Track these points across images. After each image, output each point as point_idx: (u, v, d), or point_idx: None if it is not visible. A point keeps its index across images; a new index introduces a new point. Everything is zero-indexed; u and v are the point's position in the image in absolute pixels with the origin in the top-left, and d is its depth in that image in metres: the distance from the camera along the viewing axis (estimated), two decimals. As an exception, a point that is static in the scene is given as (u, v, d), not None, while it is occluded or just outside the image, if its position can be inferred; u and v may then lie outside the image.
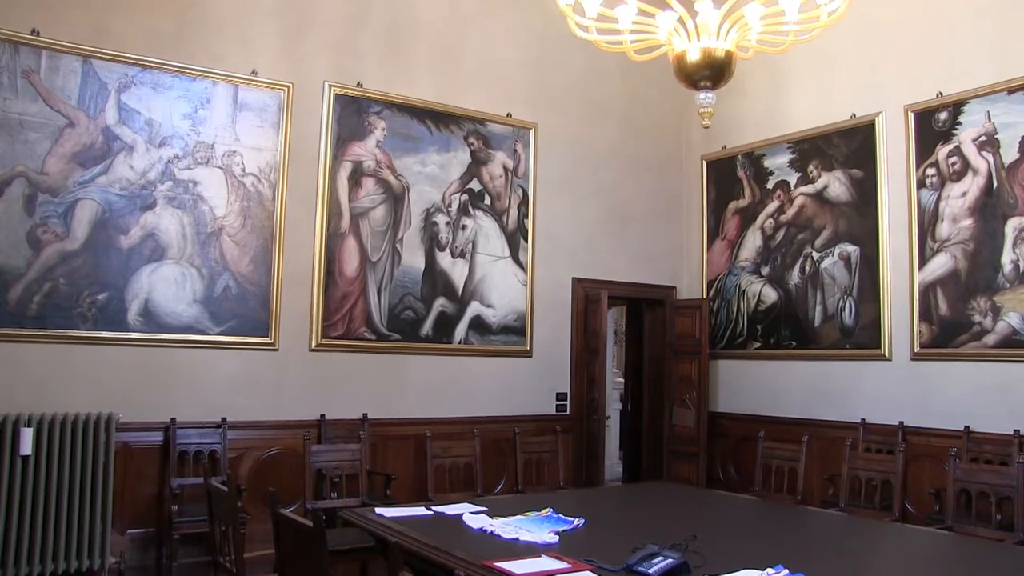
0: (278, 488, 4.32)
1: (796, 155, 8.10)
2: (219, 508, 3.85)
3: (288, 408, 6.62)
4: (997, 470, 5.65)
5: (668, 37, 4.34)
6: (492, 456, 7.10)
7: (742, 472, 8.06)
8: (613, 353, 11.16)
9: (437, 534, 3.81)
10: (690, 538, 3.33)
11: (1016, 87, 6.46)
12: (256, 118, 6.59)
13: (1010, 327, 6.42)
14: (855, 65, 7.59)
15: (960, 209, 6.77)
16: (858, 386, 7.39)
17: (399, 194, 7.21)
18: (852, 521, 4.81)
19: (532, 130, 7.99)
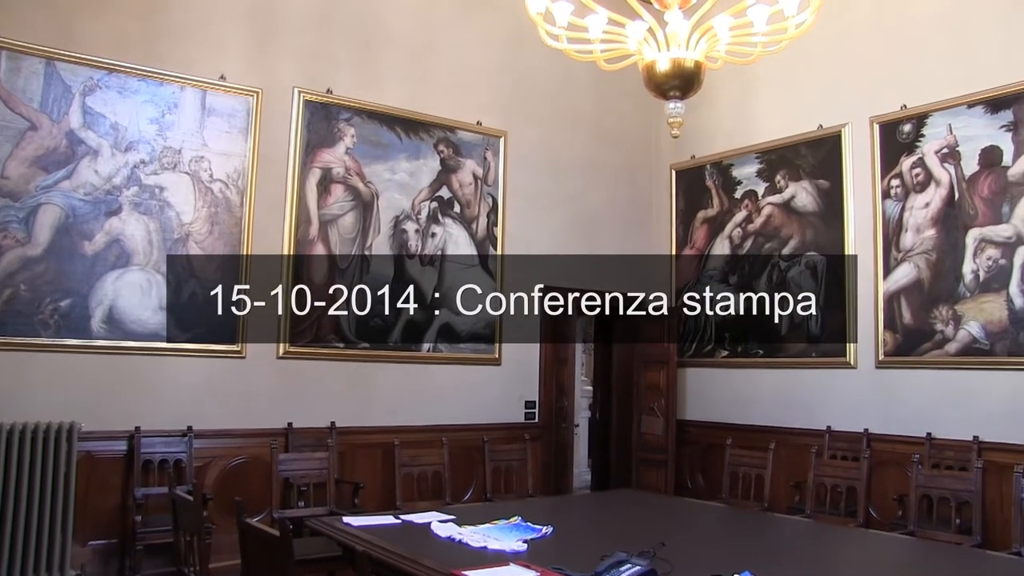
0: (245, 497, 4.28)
1: (764, 165, 8.18)
2: (184, 518, 3.80)
3: (255, 416, 6.56)
4: (957, 475, 5.74)
5: (638, 47, 4.36)
6: (461, 464, 7.07)
7: (710, 479, 8.10)
8: (582, 361, 11.17)
9: (405, 543, 3.80)
10: (658, 545, 3.34)
11: (976, 101, 6.57)
12: (224, 123, 6.54)
13: (970, 335, 6.51)
14: (822, 77, 7.68)
15: (923, 220, 6.87)
16: (824, 394, 7.47)
17: (368, 201, 7.18)
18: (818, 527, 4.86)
19: (502, 138, 8.00)
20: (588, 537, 4.21)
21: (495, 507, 5.00)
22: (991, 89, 6.48)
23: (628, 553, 3.24)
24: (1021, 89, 6.33)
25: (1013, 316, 6.29)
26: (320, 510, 5.75)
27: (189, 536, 3.75)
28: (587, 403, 10.42)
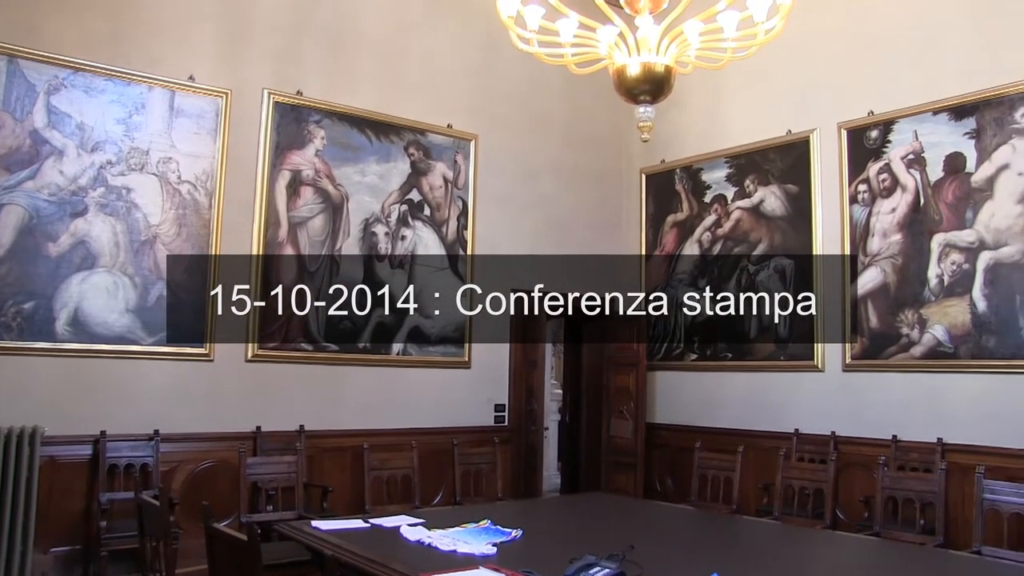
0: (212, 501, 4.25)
1: (733, 170, 8.23)
2: (150, 522, 3.76)
3: (223, 420, 6.50)
4: (921, 477, 5.83)
5: (609, 51, 4.38)
6: (430, 468, 7.04)
7: (679, 482, 8.14)
8: (552, 364, 11.19)
9: (374, 547, 3.78)
10: (627, 548, 3.35)
11: (940, 108, 6.67)
12: (193, 125, 6.49)
13: (935, 339, 6.60)
14: (791, 83, 7.76)
15: (890, 224, 6.95)
16: (792, 397, 7.53)
17: (338, 204, 7.15)
18: (785, 529, 4.90)
19: (473, 141, 7.99)
20: (557, 540, 4.21)
21: (464, 511, 4.99)
22: (955, 97, 6.57)
23: (597, 556, 3.24)
24: (983, 97, 6.42)
25: (976, 320, 6.38)
26: (289, 514, 5.72)
27: (155, 541, 3.70)
28: (557, 406, 10.44)
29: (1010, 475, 5.64)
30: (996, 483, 5.01)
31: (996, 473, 5.49)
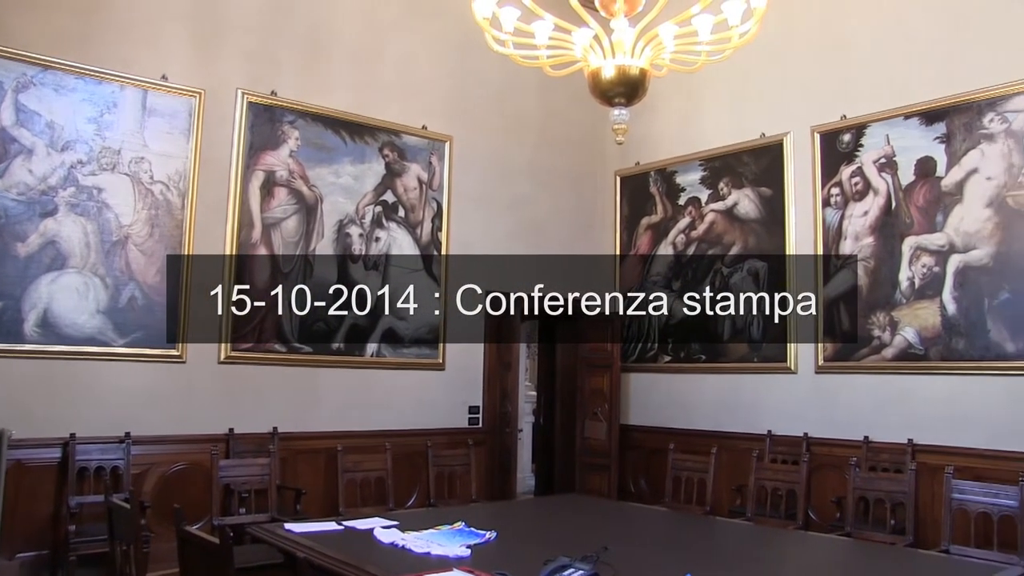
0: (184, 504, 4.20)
1: (707, 172, 8.28)
2: (121, 526, 3.72)
3: (195, 422, 6.45)
4: (892, 477, 5.89)
5: (584, 53, 4.38)
6: (404, 470, 7.03)
7: (653, 484, 8.16)
8: (526, 366, 11.20)
9: (348, 549, 3.77)
10: (601, 550, 3.35)
11: (912, 113, 6.74)
12: (166, 124, 6.43)
13: (906, 341, 6.66)
14: (765, 86, 7.81)
15: (862, 228, 7.01)
16: (765, 399, 7.57)
17: (312, 205, 7.12)
18: (758, 530, 4.93)
19: (448, 143, 7.98)
20: (531, 542, 4.21)
21: (438, 513, 4.99)
22: (926, 102, 6.65)
23: (571, 558, 3.25)
24: (953, 103, 6.50)
25: (946, 322, 6.45)
26: (261, 517, 5.68)
27: (125, 545, 3.67)
28: (531, 408, 10.45)
29: (977, 475, 5.73)
30: (964, 483, 5.08)
31: (964, 473, 5.57)
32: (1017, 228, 6.14)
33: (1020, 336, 6.08)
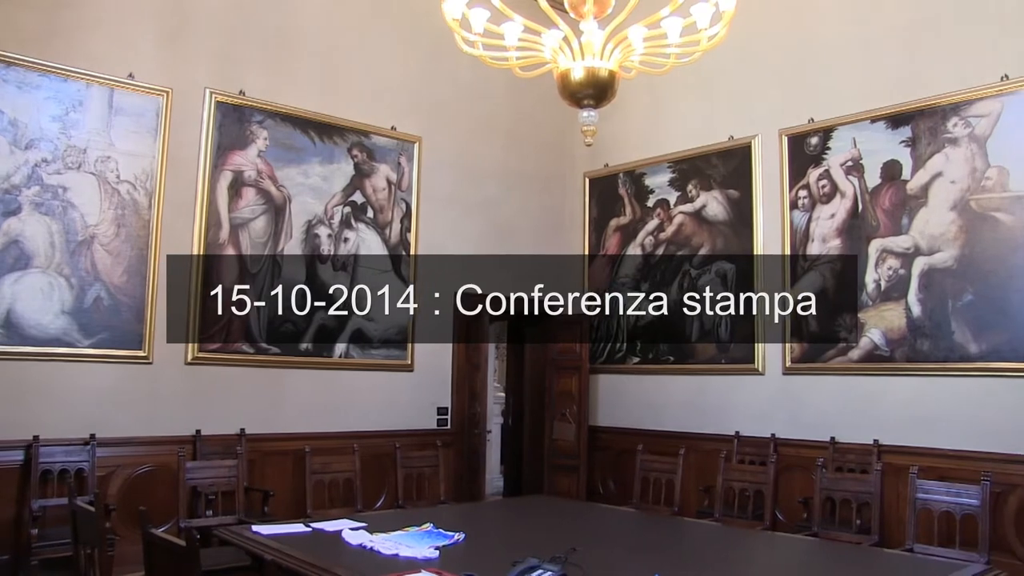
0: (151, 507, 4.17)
1: (676, 174, 8.32)
2: (85, 529, 3.68)
3: (162, 423, 6.38)
4: (858, 478, 5.97)
5: (553, 55, 4.40)
6: (372, 471, 7.02)
7: (621, 485, 8.19)
8: (494, 367, 11.19)
9: (315, 551, 3.75)
10: (569, 551, 3.36)
11: (878, 117, 6.81)
12: (132, 123, 6.36)
13: (872, 342, 6.73)
14: (733, 89, 7.87)
15: (829, 230, 7.08)
16: (733, 400, 7.62)
17: (280, 205, 7.07)
18: (726, 530, 4.96)
19: (417, 144, 7.97)
20: (500, 543, 4.22)
21: (407, 514, 4.98)
22: (892, 106, 6.73)
23: (540, 559, 3.25)
24: (918, 107, 6.58)
25: (911, 324, 6.53)
26: (229, 519, 5.64)
27: (90, 549, 3.62)
28: (500, 409, 10.44)
29: (941, 475, 5.81)
30: (928, 483, 5.15)
31: (928, 473, 5.65)
32: (980, 231, 6.23)
33: (983, 337, 6.17)
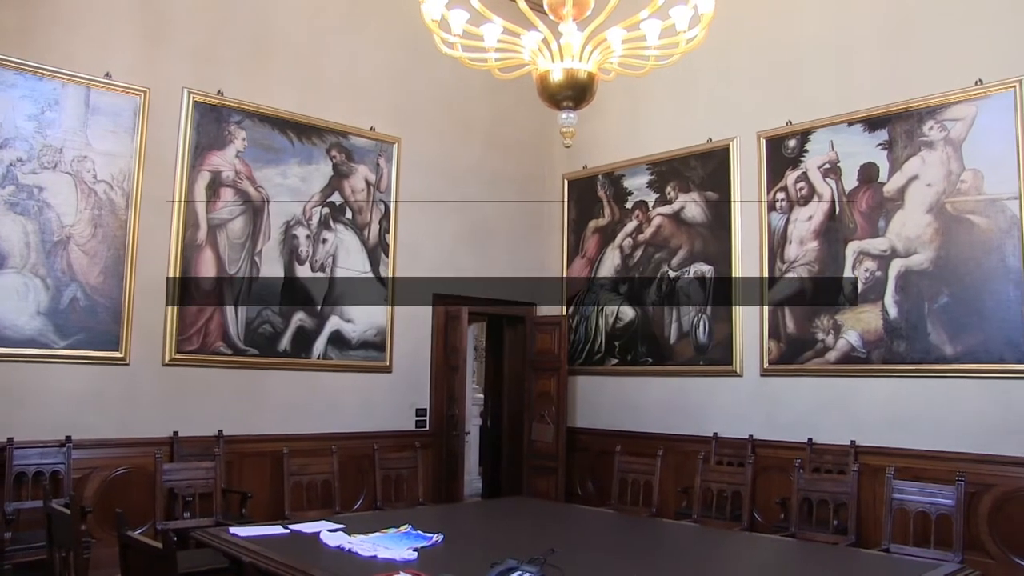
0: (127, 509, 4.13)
1: (654, 176, 8.35)
2: (60, 532, 3.65)
3: (139, 425, 6.34)
4: (835, 479, 6.01)
5: (532, 57, 4.40)
6: (351, 473, 7.00)
7: (600, 486, 8.21)
8: (473, 369, 11.20)
9: (293, 553, 3.74)
10: (548, 552, 3.36)
11: (855, 119, 6.87)
12: (110, 123, 6.31)
13: (849, 344, 6.78)
14: (712, 91, 7.90)
15: (807, 232, 7.12)
16: (711, 401, 7.66)
17: (259, 206, 7.04)
18: (704, 531, 4.97)
19: (396, 145, 7.96)
20: (478, 545, 4.21)
21: (385, 516, 4.96)
22: (869, 109, 6.78)
23: (518, 560, 3.25)
24: (895, 110, 6.64)
25: (888, 326, 6.58)
26: (206, 521, 5.60)
27: (65, 552, 3.59)
28: (478, 411, 10.44)
29: (916, 475, 5.87)
30: (904, 483, 5.19)
31: (904, 474, 5.71)
32: (955, 233, 6.29)
33: (958, 339, 6.23)
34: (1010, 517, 5.88)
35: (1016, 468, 5.87)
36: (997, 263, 6.09)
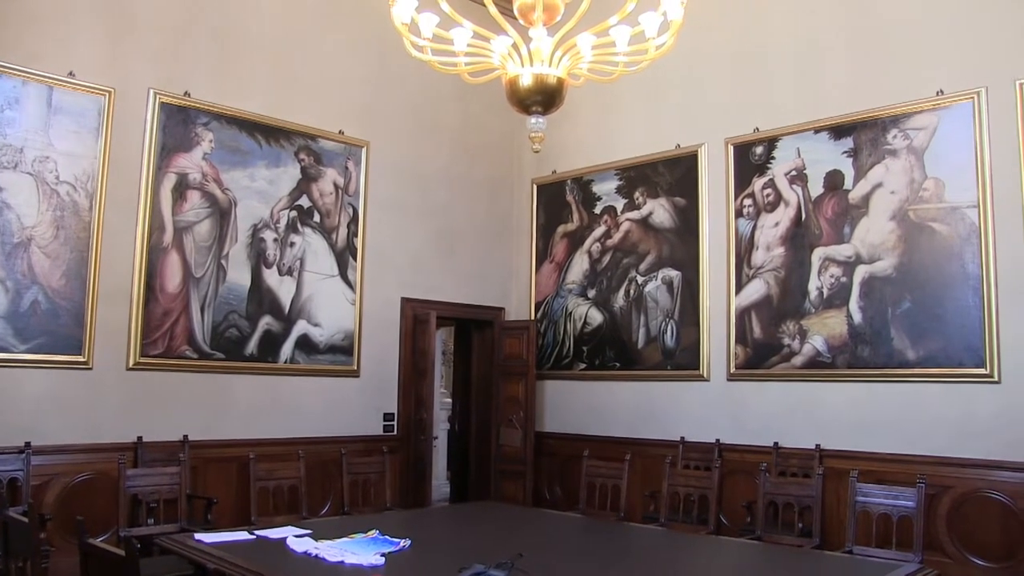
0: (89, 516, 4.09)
1: (623, 182, 8.38)
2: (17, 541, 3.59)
3: (102, 430, 6.24)
4: (800, 482, 6.08)
5: (502, 61, 4.41)
6: (318, 477, 6.96)
7: (567, 490, 8.22)
8: (441, 373, 11.18)
9: (259, 559, 3.71)
10: (516, 557, 3.36)
11: (821, 127, 6.94)
12: (73, 123, 6.23)
13: (815, 349, 6.85)
14: (680, 98, 7.95)
15: (773, 238, 7.19)
16: (678, 406, 7.69)
17: (226, 209, 6.99)
18: (671, 535, 5.00)
19: (364, 148, 7.93)
20: (446, 549, 4.20)
21: (353, 521, 4.94)
22: (835, 117, 6.86)
23: (486, 565, 3.25)
24: (860, 119, 6.72)
25: (852, 331, 6.65)
26: (171, 527, 5.56)
27: (22, 561, 3.54)
28: (446, 415, 10.42)
29: (879, 478, 5.95)
30: (867, 486, 5.26)
31: (867, 476, 5.77)
32: (918, 240, 6.38)
33: (920, 344, 6.31)
34: (967, 517, 5.99)
35: (973, 470, 5.99)
36: (957, 270, 6.19)
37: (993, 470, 5.92)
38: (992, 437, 5.95)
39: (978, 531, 5.94)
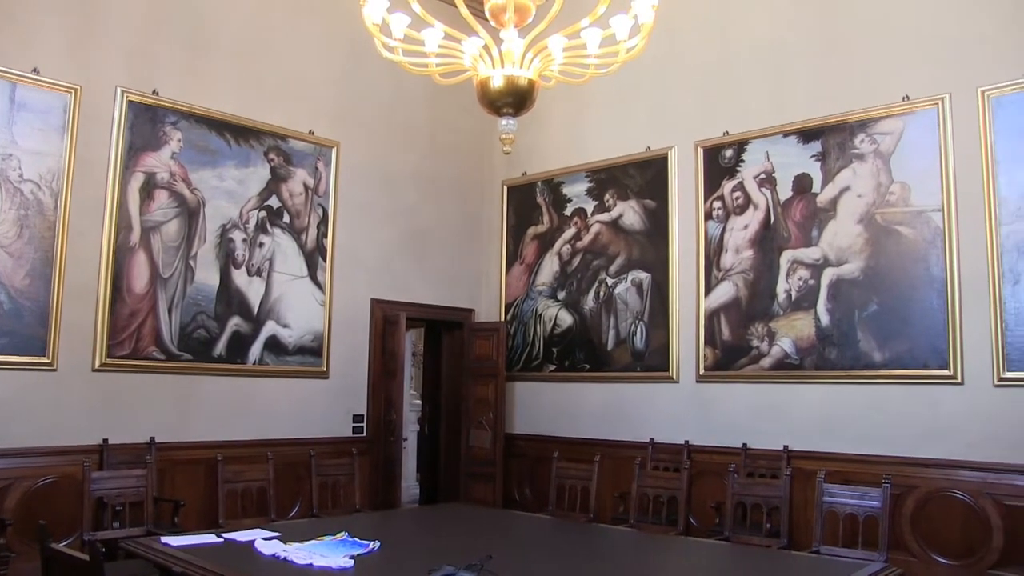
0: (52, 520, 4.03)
1: (594, 184, 8.41)
2: (-20, 544, 3.54)
3: (66, 433, 6.16)
4: (768, 483, 6.13)
5: (473, 63, 4.41)
6: (287, 480, 6.91)
7: (537, 492, 8.23)
8: (411, 375, 11.14)
9: (227, 562, 3.68)
10: (485, 558, 3.36)
11: (790, 131, 7.00)
12: (37, 120, 6.14)
13: (783, 351, 6.90)
14: (650, 101, 7.99)
15: (742, 241, 7.24)
16: (648, 407, 7.73)
17: (194, 208, 6.93)
18: (640, 536, 5.01)
19: (334, 149, 7.89)
20: (415, 552, 4.20)
21: (321, 523, 4.91)
22: (803, 121, 6.93)
23: (455, 566, 3.25)
24: (828, 123, 6.80)
25: (820, 333, 6.72)
26: (137, 531, 5.49)
27: (-16, 564, 3.49)
28: (416, 417, 10.39)
29: (846, 478, 6.02)
30: (834, 487, 5.30)
31: (834, 477, 5.82)
32: (884, 243, 6.45)
33: (886, 346, 6.38)
34: (930, 517, 6.08)
35: (937, 470, 6.08)
36: (922, 272, 6.26)
37: (956, 470, 6.01)
38: (955, 437, 6.04)
39: (941, 530, 6.03)
